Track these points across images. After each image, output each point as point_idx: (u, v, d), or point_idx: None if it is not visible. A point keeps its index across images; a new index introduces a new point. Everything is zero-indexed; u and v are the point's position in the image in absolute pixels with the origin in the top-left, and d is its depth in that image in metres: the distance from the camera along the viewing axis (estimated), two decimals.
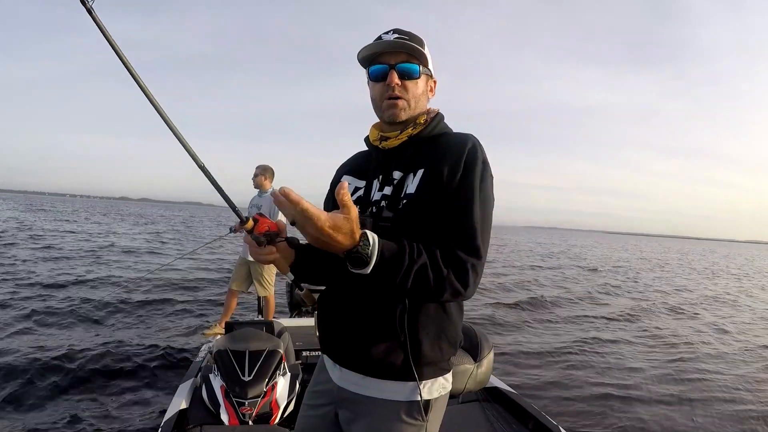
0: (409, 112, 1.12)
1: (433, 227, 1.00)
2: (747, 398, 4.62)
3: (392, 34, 1.10)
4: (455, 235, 0.98)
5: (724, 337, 7.43)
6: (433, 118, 1.15)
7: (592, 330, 7.24)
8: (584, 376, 4.91)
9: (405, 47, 1.08)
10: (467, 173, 1.02)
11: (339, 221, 0.83)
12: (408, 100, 1.10)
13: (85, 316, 6.01)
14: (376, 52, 1.10)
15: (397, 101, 1.10)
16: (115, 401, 3.57)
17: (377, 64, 1.10)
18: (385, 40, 1.09)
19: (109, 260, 11.75)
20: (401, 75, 1.09)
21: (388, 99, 1.10)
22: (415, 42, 1.10)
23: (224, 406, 2.35)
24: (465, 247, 0.97)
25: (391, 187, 1.09)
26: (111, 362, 4.39)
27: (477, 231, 0.99)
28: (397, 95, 1.09)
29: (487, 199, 1.03)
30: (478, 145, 1.06)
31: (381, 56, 1.10)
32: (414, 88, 1.11)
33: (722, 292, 13.93)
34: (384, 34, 1.11)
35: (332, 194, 1.22)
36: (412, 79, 1.10)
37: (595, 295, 10.93)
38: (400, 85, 1.09)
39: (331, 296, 1.16)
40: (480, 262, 0.98)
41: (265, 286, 4.74)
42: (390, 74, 1.08)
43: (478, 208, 1.00)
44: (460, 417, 2.36)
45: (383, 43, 1.09)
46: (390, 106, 1.10)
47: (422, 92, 1.13)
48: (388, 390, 1.07)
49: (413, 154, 1.11)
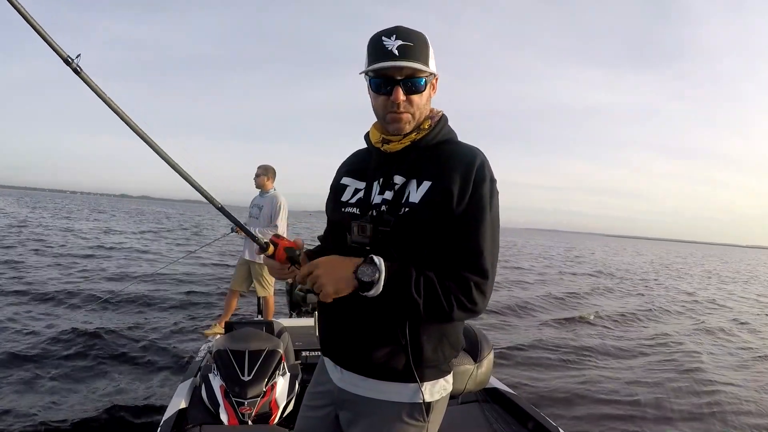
0: (414, 123, 1.08)
1: (439, 247, 1.01)
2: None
3: (395, 39, 1.01)
4: (464, 257, 0.99)
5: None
6: (438, 122, 1.11)
7: (592, 329, 7.24)
8: (584, 377, 4.91)
9: (414, 66, 1.01)
10: (476, 192, 1.01)
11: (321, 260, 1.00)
12: (413, 113, 1.06)
13: (85, 316, 6.01)
14: (382, 68, 1.02)
15: (402, 116, 1.05)
16: (114, 400, 3.56)
17: (380, 77, 1.04)
18: (391, 62, 1.00)
19: (109, 258, 11.75)
20: (407, 90, 1.03)
21: (392, 113, 1.05)
22: (420, 49, 1.03)
23: (224, 405, 2.34)
24: (474, 270, 0.99)
25: (392, 192, 1.07)
26: (110, 361, 4.39)
27: (486, 253, 1.00)
28: (402, 111, 1.05)
29: (495, 218, 1.04)
30: (486, 163, 1.05)
31: (388, 68, 1.02)
32: (419, 100, 1.06)
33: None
34: (385, 38, 1.02)
35: (333, 197, 1.21)
36: (417, 93, 1.05)
37: (598, 296, 10.93)
38: (405, 100, 1.03)
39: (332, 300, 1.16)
40: (488, 282, 1.00)
41: (265, 286, 4.75)
42: (395, 91, 1.02)
43: (488, 229, 1.01)
44: (459, 417, 2.35)
45: (389, 65, 1.00)
46: (394, 120, 1.06)
47: (427, 100, 1.09)
48: (390, 391, 1.07)
49: (416, 159, 1.08)
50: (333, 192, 1.22)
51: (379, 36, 1.04)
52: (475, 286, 0.98)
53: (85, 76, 0.92)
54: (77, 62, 0.90)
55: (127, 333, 5.30)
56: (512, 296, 9.92)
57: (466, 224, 1.00)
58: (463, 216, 1.00)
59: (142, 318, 6.14)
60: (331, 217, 1.20)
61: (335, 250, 1.12)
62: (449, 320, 1.02)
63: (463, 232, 1.00)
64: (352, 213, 1.11)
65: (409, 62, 1.00)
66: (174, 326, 5.82)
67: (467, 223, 1.00)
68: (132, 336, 5.19)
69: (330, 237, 1.21)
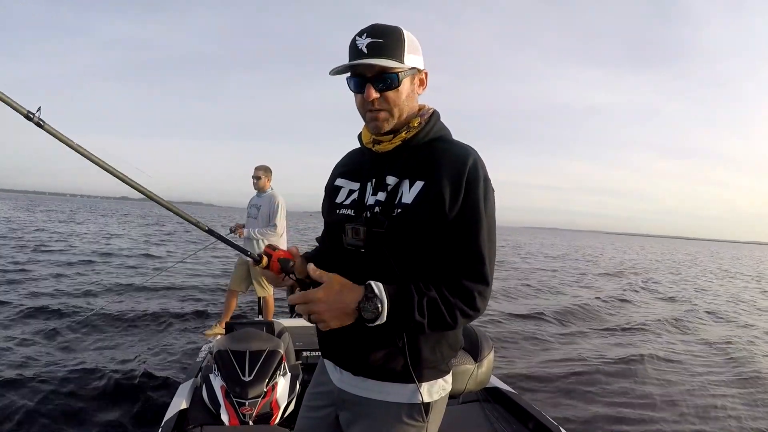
0: (394, 121, 1.06)
1: (436, 250, 1.00)
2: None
3: (366, 38, 1.00)
4: (462, 263, 0.99)
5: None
6: (428, 120, 1.09)
7: (593, 331, 7.23)
8: (584, 377, 4.90)
9: (378, 63, 0.98)
10: (469, 194, 0.99)
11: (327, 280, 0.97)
12: (390, 110, 1.04)
13: (85, 317, 6.01)
14: (349, 68, 1.02)
15: (378, 114, 1.04)
16: (115, 401, 3.56)
17: (354, 76, 1.03)
18: (356, 60, 0.99)
19: (108, 262, 11.75)
20: (380, 88, 1.01)
21: (369, 111, 1.05)
22: (391, 44, 1.00)
23: (224, 406, 2.35)
24: (472, 276, 0.98)
25: (384, 193, 1.05)
26: (110, 362, 4.39)
27: (484, 257, 0.99)
28: (377, 108, 1.03)
29: (491, 218, 1.03)
30: (479, 162, 1.03)
31: (356, 66, 1.01)
32: (395, 96, 1.03)
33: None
34: (358, 37, 1.01)
35: (327, 199, 1.21)
36: (390, 89, 1.02)
37: (600, 298, 10.92)
38: (379, 97, 1.02)
39: None
40: (488, 287, 1.00)
41: (264, 286, 4.74)
42: (367, 89, 1.01)
43: (484, 231, 1.00)
44: (460, 417, 2.35)
45: (356, 63, 0.99)
46: (372, 119, 1.05)
47: (407, 95, 1.05)
48: (389, 392, 1.07)
49: (408, 158, 1.07)
50: (328, 194, 1.22)
51: (354, 36, 1.02)
52: (478, 295, 0.98)
53: (49, 128, 0.91)
54: (38, 115, 0.90)
55: (126, 333, 5.31)
56: (511, 295, 9.91)
57: (462, 228, 0.99)
58: (459, 219, 0.99)
59: (142, 318, 6.13)
60: (326, 219, 1.19)
61: (333, 252, 1.13)
62: (453, 329, 1.03)
63: (461, 236, 0.99)
64: (347, 215, 1.10)
65: (374, 59, 0.98)
66: (174, 327, 5.81)
67: (464, 227, 0.99)
68: (132, 336, 5.20)
69: (327, 239, 1.22)
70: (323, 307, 0.93)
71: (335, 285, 0.96)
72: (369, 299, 0.93)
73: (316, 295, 0.94)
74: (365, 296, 0.94)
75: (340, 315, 0.94)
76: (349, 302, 0.94)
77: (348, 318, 0.95)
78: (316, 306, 0.93)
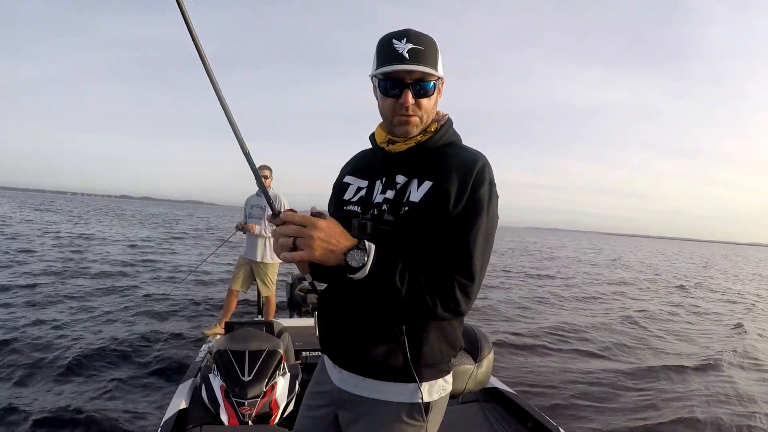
0: (421, 127, 1.09)
1: (433, 245, 1.01)
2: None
3: (406, 42, 1.01)
4: (453, 258, 0.99)
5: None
6: (443, 125, 1.12)
7: (595, 329, 7.23)
8: (585, 377, 4.90)
9: (423, 70, 1.01)
10: (474, 194, 1.01)
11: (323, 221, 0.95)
12: (421, 117, 1.07)
13: (85, 317, 6.02)
14: (393, 71, 1.02)
15: (411, 119, 1.06)
16: (115, 400, 3.56)
17: (388, 79, 1.04)
18: (402, 65, 1.00)
19: (110, 261, 11.76)
20: (416, 94, 1.04)
21: (400, 116, 1.06)
22: (430, 53, 1.03)
23: (224, 406, 2.35)
24: (460, 271, 0.98)
25: (393, 191, 1.08)
26: (111, 361, 4.39)
27: (476, 256, 0.99)
28: (410, 114, 1.05)
29: (492, 221, 1.04)
30: (487, 166, 1.05)
31: (399, 70, 1.02)
32: (428, 103, 1.06)
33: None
34: (396, 41, 1.02)
35: (335, 196, 1.22)
36: (426, 96, 1.05)
37: (602, 298, 10.92)
38: (413, 103, 1.04)
39: (332, 298, 1.16)
40: (474, 285, 1.00)
41: (269, 285, 4.78)
42: (405, 94, 1.03)
43: (482, 231, 1.01)
44: (460, 417, 2.35)
45: (400, 68, 1.01)
46: (402, 123, 1.07)
47: (434, 104, 1.09)
48: (389, 391, 1.07)
49: (419, 160, 1.09)
50: (335, 190, 1.23)
51: (389, 38, 1.03)
52: (459, 287, 0.98)
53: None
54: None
55: (126, 333, 5.31)
56: (511, 295, 9.90)
57: (460, 225, 1.00)
58: (459, 217, 1.00)
59: (141, 318, 6.14)
60: (333, 215, 1.20)
61: None
62: (433, 317, 1.01)
63: (456, 233, 1.00)
64: (353, 211, 1.12)
65: (419, 66, 1.01)
66: (174, 326, 5.82)
67: (461, 225, 1.00)
68: (132, 336, 5.19)
69: None
70: (319, 235, 0.92)
71: (338, 226, 0.97)
72: (359, 249, 0.94)
73: (319, 222, 0.93)
74: (357, 246, 0.95)
75: (327, 251, 0.93)
76: (342, 244, 0.94)
77: (332, 257, 0.94)
78: (313, 231, 0.92)
